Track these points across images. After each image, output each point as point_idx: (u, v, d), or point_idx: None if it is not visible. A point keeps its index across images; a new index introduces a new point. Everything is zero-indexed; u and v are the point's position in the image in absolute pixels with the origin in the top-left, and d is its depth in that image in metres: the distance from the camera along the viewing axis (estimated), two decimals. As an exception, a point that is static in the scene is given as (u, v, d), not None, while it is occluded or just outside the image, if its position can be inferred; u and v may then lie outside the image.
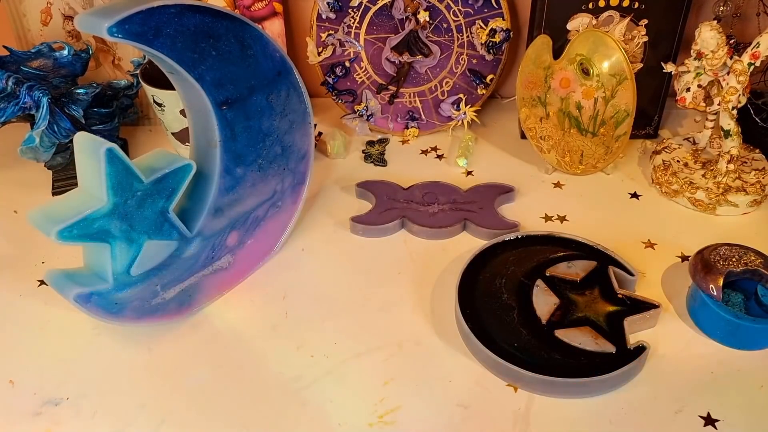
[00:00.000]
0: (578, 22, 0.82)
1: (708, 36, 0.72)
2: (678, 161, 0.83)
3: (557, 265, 0.68)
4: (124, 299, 0.59)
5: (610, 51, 0.78)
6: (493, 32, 0.88)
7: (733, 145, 0.77)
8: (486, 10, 0.89)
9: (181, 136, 0.84)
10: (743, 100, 0.74)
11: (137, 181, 0.55)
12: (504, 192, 0.81)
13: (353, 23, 0.90)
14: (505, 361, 0.58)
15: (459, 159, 0.88)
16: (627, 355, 0.59)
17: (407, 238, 0.76)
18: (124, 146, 0.91)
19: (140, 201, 0.56)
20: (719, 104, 0.75)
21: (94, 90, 0.82)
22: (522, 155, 0.90)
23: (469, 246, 0.74)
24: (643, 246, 0.74)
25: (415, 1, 0.87)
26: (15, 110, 0.76)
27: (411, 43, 0.90)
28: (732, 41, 0.85)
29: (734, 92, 0.73)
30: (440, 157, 0.91)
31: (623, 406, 0.57)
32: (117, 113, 0.87)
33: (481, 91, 0.93)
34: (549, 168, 0.86)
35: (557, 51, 0.82)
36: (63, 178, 0.85)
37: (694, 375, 0.60)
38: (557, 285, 0.66)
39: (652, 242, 0.75)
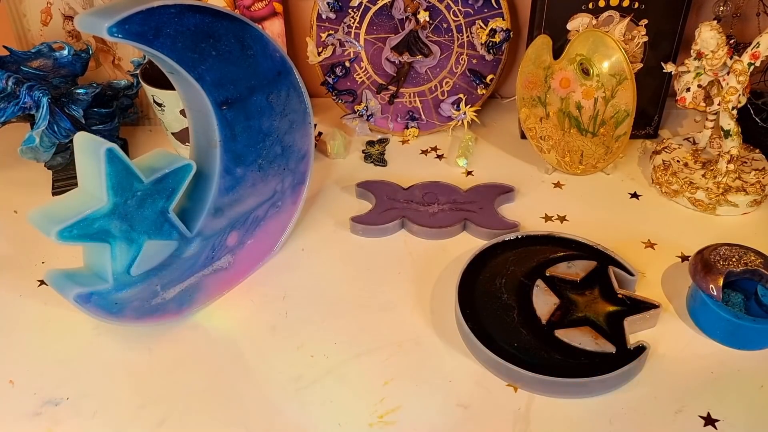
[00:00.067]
0: (578, 22, 0.82)
1: (708, 36, 0.72)
2: (678, 161, 0.83)
3: (557, 265, 0.68)
4: (124, 299, 0.59)
5: (610, 51, 0.78)
6: (493, 32, 0.88)
7: (733, 145, 0.77)
8: (486, 10, 0.89)
9: (181, 136, 0.84)
10: (743, 100, 0.74)
11: (137, 181, 0.55)
12: (504, 192, 0.81)
13: (353, 23, 0.90)
14: (505, 361, 0.58)
15: (459, 159, 0.88)
16: (627, 355, 0.59)
17: (407, 238, 0.76)
18: (124, 146, 0.91)
19: (140, 201, 0.56)
20: (719, 104, 0.75)
21: (94, 90, 0.82)
22: (522, 155, 0.90)
23: (469, 246, 0.74)
24: (643, 246, 0.74)
25: (415, 1, 0.87)
26: (15, 110, 0.76)
27: (411, 43, 0.90)
28: (732, 41, 0.85)
29: (734, 92, 0.73)
30: (440, 157, 0.91)
31: (623, 406, 0.57)
32: (117, 113, 0.87)
33: (481, 91, 0.93)
34: (549, 168, 0.86)
35: (557, 51, 0.82)
36: (63, 178, 0.85)
37: (694, 375, 0.60)
38: (557, 285, 0.66)
39: (652, 242, 0.75)
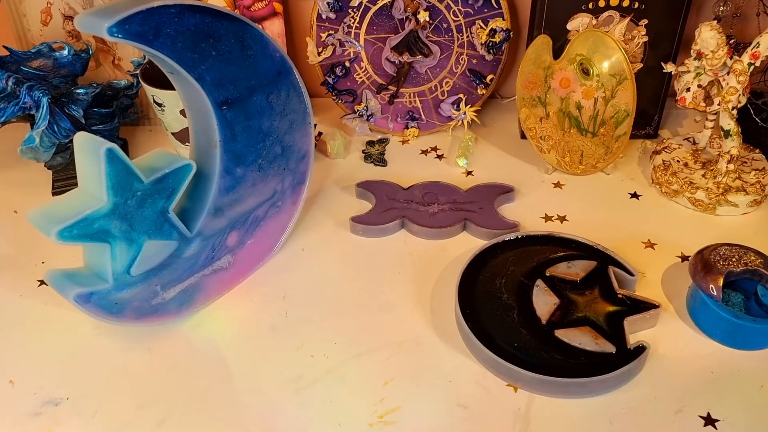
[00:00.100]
0: (578, 22, 0.82)
1: (708, 36, 0.72)
2: (678, 161, 0.83)
3: (557, 265, 0.68)
4: (124, 299, 0.59)
5: (610, 51, 0.78)
6: (493, 32, 0.88)
7: (733, 145, 0.77)
8: (486, 10, 0.89)
9: (181, 136, 0.84)
10: (743, 100, 0.74)
11: (137, 181, 0.55)
12: (504, 192, 0.81)
13: (353, 23, 0.90)
14: (505, 361, 0.58)
15: (459, 159, 0.88)
16: (627, 355, 0.59)
17: (407, 238, 0.76)
18: (124, 146, 0.91)
19: (140, 201, 0.56)
20: (719, 104, 0.75)
21: (94, 90, 0.82)
22: (522, 155, 0.90)
23: (469, 246, 0.74)
24: (643, 246, 0.74)
25: (415, 1, 0.87)
26: (15, 110, 0.76)
27: (411, 43, 0.90)
28: (732, 41, 0.85)
29: (734, 92, 0.73)
30: (440, 157, 0.91)
31: (623, 406, 0.57)
32: (117, 113, 0.87)
33: (481, 91, 0.93)
34: (549, 168, 0.86)
35: (557, 51, 0.82)
36: (63, 178, 0.85)
37: (694, 375, 0.60)
38: (557, 285, 0.66)
39: (652, 242, 0.75)
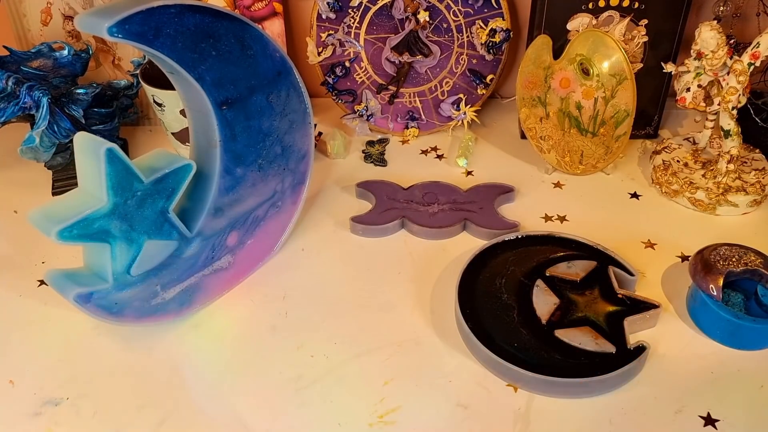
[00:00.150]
0: (578, 22, 0.82)
1: (708, 36, 0.72)
2: (678, 161, 0.83)
3: (557, 265, 0.68)
4: (124, 299, 0.59)
5: (610, 51, 0.78)
6: (493, 32, 0.88)
7: (733, 145, 0.77)
8: (486, 10, 0.89)
9: (181, 136, 0.84)
10: (743, 100, 0.74)
11: (137, 181, 0.55)
12: (504, 192, 0.81)
13: (353, 23, 0.90)
14: (505, 361, 0.58)
15: (459, 159, 0.88)
16: (627, 355, 0.59)
17: (407, 238, 0.76)
18: (124, 146, 0.91)
19: (140, 201, 0.56)
20: (719, 104, 0.75)
21: (94, 90, 0.82)
22: (522, 155, 0.90)
23: (469, 246, 0.74)
24: (643, 246, 0.74)
25: (415, 1, 0.87)
26: (15, 110, 0.76)
27: (411, 43, 0.90)
28: (732, 41, 0.85)
29: (734, 92, 0.73)
30: (440, 157, 0.91)
31: (623, 406, 0.57)
32: (117, 113, 0.87)
33: (481, 91, 0.93)
34: (549, 168, 0.86)
35: (557, 51, 0.82)
36: (63, 178, 0.85)
37: (694, 375, 0.60)
38: (557, 285, 0.66)
39: (652, 242, 0.75)
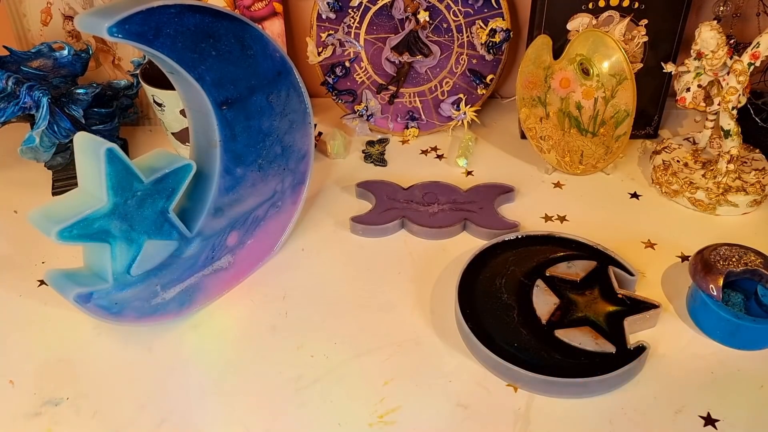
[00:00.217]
0: (578, 22, 0.82)
1: (708, 36, 0.72)
2: (678, 161, 0.83)
3: (557, 265, 0.68)
4: (124, 299, 0.59)
5: (610, 51, 0.78)
6: (493, 32, 0.88)
7: (733, 145, 0.77)
8: (486, 10, 0.89)
9: (181, 136, 0.84)
10: (743, 100, 0.74)
11: (137, 181, 0.55)
12: (504, 192, 0.81)
13: (353, 23, 0.90)
14: (505, 361, 0.58)
15: (459, 159, 0.88)
16: (627, 355, 0.59)
17: (407, 238, 0.76)
18: (124, 146, 0.91)
19: (140, 201, 0.56)
20: (719, 104, 0.75)
21: (94, 90, 0.82)
22: (522, 155, 0.90)
23: (469, 246, 0.74)
24: (643, 246, 0.74)
25: (415, 1, 0.87)
26: (15, 110, 0.76)
27: (411, 43, 0.90)
28: (732, 41, 0.85)
29: (734, 92, 0.73)
30: (440, 157, 0.91)
31: (623, 406, 0.57)
32: (117, 113, 0.87)
33: (481, 91, 0.93)
34: (549, 168, 0.86)
35: (557, 51, 0.82)
36: (63, 178, 0.85)
37: (694, 375, 0.60)
38: (557, 285, 0.66)
39: (652, 242, 0.75)
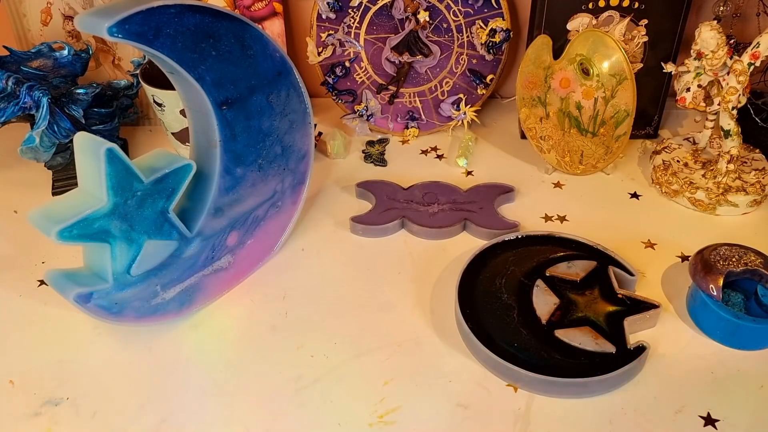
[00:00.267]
0: (578, 22, 0.82)
1: (708, 36, 0.72)
2: (678, 161, 0.83)
3: (557, 265, 0.68)
4: (124, 299, 0.59)
5: (610, 51, 0.78)
6: (493, 32, 0.88)
7: (733, 145, 0.77)
8: (486, 10, 0.89)
9: (181, 136, 0.84)
10: (743, 100, 0.74)
11: (137, 181, 0.55)
12: (504, 192, 0.81)
13: (353, 23, 0.90)
14: (505, 361, 0.58)
15: (459, 159, 0.88)
16: (627, 355, 0.59)
17: (407, 238, 0.76)
18: (124, 146, 0.91)
19: (140, 201, 0.56)
20: (719, 104, 0.75)
21: (94, 90, 0.82)
22: (522, 155, 0.90)
23: (469, 246, 0.74)
24: (643, 246, 0.74)
25: (415, 1, 0.87)
26: (15, 110, 0.76)
27: (411, 43, 0.90)
28: (732, 41, 0.85)
29: (734, 92, 0.73)
30: (440, 157, 0.91)
31: (623, 406, 0.57)
32: (117, 113, 0.87)
33: (481, 91, 0.93)
34: (549, 168, 0.86)
35: (557, 51, 0.82)
36: (63, 178, 0.85)
37: (694, 375, 0.60)
38: (557, 285, 0.66)
39: (652, 242, 0.75)
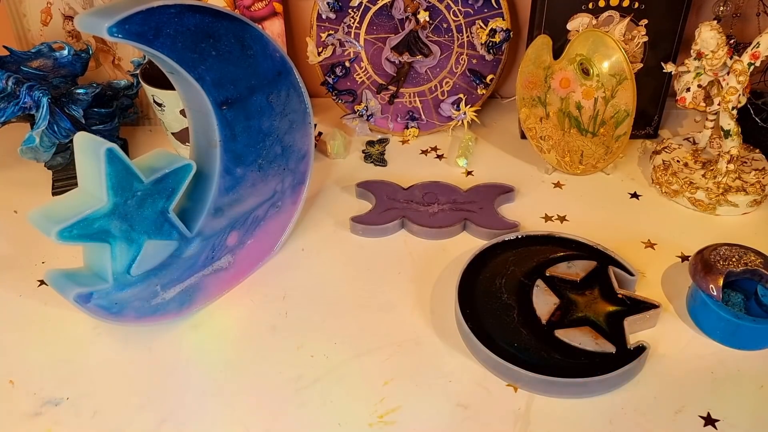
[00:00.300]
0: (578, 22, 0.82)
1: (708, 36, 0.72)
2: (678, 161, 0.83)
3: (557, 265, 0.68)
4: (124, 299, 0.59)
5: (610, 51, 0.78)
6: (493, 32, 0.88)
7: (733, 145, 0.77)
8: (486, 10, 0.89)
9: (181, 136, 0.84)
10: (743, 100, 0.74)
11: (137, 181, 0.55)
12: (504, 192, 0.81)
13: (353, 23, 0.90)
14: (505, 361, 0.58)
15: (459, 159, 0.88)
16: (627, 355, 0.59)
17: (407, 238, 0.76)
18: (124, 146, 0.91)
19: (140, 201, 0.56)
20: (719, 104, 0.75)
21: (94, 90, 0.82)
22: (522, 155, 0.90)
23: (469, 246, 0.74)
24: (643, 246, 0.74)
25: (415, 1, 0.87)
26: (15, 110, 0.76)
27: (411, 43, 0.90)
28: (732, 41, 0.85)
29: (734, 92, 0.73)
30: (440, 157, 0.91)
31: (623, 406, 0.57)
32: (117, 113, 0.87)
33: (481, 91, 0.93)
34: (549, 168, 0.86)
35: (557, 51, 0.82)
36: (63, 178, 0.85)
37: (694, 375, 0.60)
38: (557, 285, 0.66)
39: (652, 242, 0.75)
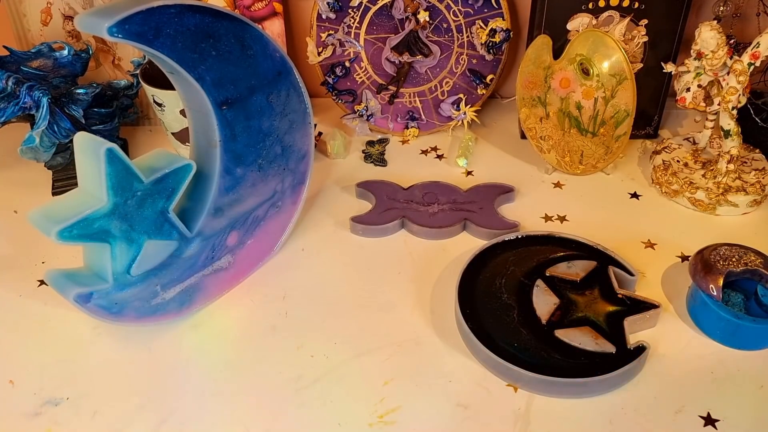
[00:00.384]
0: (578, 22, 0.82)
1: (708, 36, 0.72)
2: (678, 161, 0.83)
3: (557, 265, 0.68)
4: (124, 299, 0.59)
5: (610, 51, 0.78)
6: (493, 32, 0.88)
7: (733, 145, 0.77)
8: (486, 10, 0.89)
9: (181, 136, 0.84)
10: (743, 100, 0.74)
11: (137, 181, 0.55)
12: (504, 192, 0.81)
13: (353, 23, 0.90)
14: (505, 361, 0.58)
15: (459, 159, 0.88)
16: (627, 355, 0.59)
17: (407, 238, 0.76)
18: (124, 146, 0.91)
19: (140, 201, 0.56)
20: (719, 104, 0.75)
21: (94, 90, 0.82)
22: (522, 155, 0.90)
23: (469, 246, 0.74)
24: (643, 246, 0.74)
25: (415, 1, 0.87)
26: (15, 110, 0.76)
27: (411, 43, 0.90)
28: (732, 41, 0.85)
29: (734, 92, 0.73)
30: (440, 157, 0.91)
31: (623, 406, 0.57)
32: (117, 113, 0.87)
33: (481, 91, 0.93)
34: (549, 168, 0.86)
35: (557, 51, 0.82)
36: (63, 178, 0.85)
37: (694, 375, 0.60)
38: (557, 285, 0.66)
39: (652, 242, 0.75)
